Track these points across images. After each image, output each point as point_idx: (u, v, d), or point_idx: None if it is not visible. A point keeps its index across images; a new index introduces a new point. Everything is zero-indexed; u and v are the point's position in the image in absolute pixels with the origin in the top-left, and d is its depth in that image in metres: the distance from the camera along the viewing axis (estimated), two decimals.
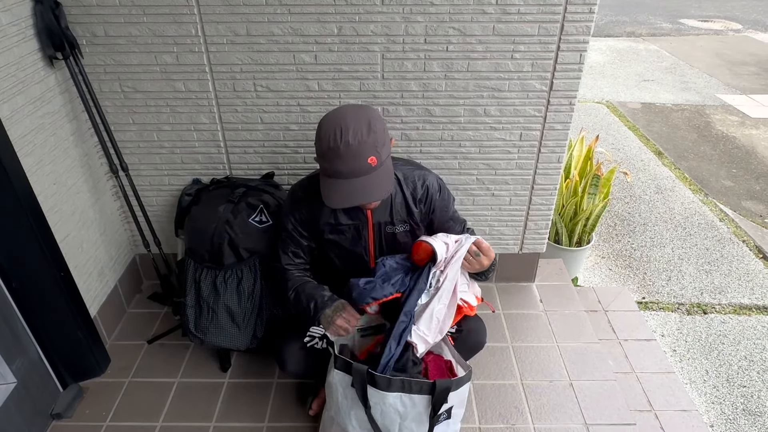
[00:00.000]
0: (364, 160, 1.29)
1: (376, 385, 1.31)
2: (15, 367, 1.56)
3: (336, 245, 1.57)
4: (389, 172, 1.36)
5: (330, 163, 1.30)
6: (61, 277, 1.64)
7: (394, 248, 1.58)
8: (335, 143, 1.27)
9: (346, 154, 1.27)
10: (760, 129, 4.39)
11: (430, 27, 1.70)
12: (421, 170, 1.57)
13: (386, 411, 1.32)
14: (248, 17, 1.69)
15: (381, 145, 1.31)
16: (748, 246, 2.92)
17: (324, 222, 1.52)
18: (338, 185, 1.31)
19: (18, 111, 1.52)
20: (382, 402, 1.32)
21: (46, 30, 1.58)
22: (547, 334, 2.00)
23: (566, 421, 1.68)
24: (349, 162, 1.28)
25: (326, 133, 1.29)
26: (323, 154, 1.31)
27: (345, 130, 1.27)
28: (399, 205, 1.53)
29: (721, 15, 8.33)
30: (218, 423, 1.68)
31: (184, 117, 1.87)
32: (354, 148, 1.27)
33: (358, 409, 1.36)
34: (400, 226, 1.55)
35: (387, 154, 1.35)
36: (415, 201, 1.54)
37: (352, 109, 1.35)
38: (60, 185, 1.71)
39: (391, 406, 1.31)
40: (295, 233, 1.56)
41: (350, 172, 1.29)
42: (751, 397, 2.04)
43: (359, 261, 1.59)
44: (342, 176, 1.30)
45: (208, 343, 1.75)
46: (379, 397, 1.32)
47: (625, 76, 5.63)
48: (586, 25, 1.69)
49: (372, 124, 1.30)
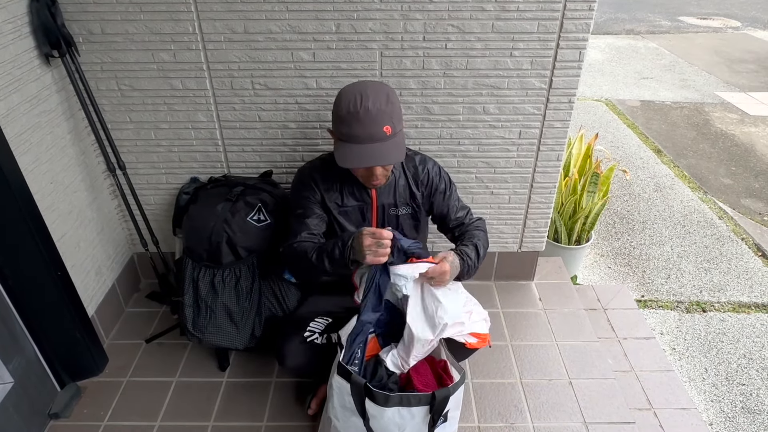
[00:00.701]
0: (381, 127, 1.37)
1: (374, 400, 1.30)
2: (12, 366, 1.56)
3: (341, 227, 1.60)
4: (402, 144, 1.43)
5: (348, 127, 1.38)
6: (58, 276, 1.63)
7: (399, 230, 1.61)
8: (355, 108, 1.36)
9: (365, 118, 1.36)
10: (759, 127, 4.39)
11: (428, 24, 1.69)
12: (420, 155, 1.65)
13: (385, 424, 1.31)
14: (246, 14, 1.68)
15: (396, 118, 1.41)
16: (747, 244, 2.92)
17: (332, 201, 1.57)
18: (354, 149, 1.39)
19: (14, 109, 1.51)
20: (380, 415, 1.31)
21: (42, 27, 1.57)
22: (546, 333, 2.00)
23: (565, 420, 1.68)
24: (366, 126, 1.36)
25: (347, 98, 1.38)
26: (342, 119, 1.39)
27: (365, 97, 1.36)
28: (402, 188, 1.60)
29: (720, 12, 8.32)
30: (217, 422, 1.68)
31: (181, 115, 1.86)
32: (372, 114, 1.36)
33: (357, 418, 1.35)
34: (403, 208, 1.61)
35: (401, 127, 1.44)
36: (417, 183, 1.61)
37: (371, 82, 1.45)
38: (57, 184, 1.70)
39: (389, 419, 1.30)
40: (309, 206, 1.57)
41: (367, 136, 1.37)
42: (750, 395, 2.04)
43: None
44: (358, 140, 1.38)
45: (207, 343, 1.74)
46: (377, 410, 1.30)
47: (624, 74, 5.63)
48: (586, 22, 1.68)
49: (390, 96, 1.40)
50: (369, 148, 1.38)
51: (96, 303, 1.92)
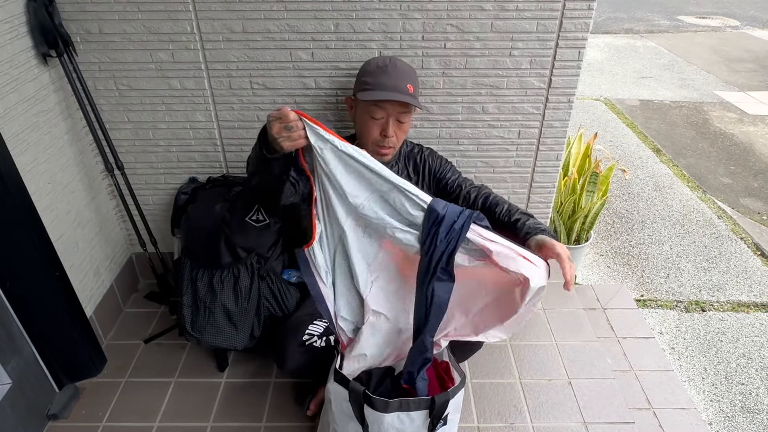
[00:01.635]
0: (405, 83, 1.46)
1: (373, 406, 1.29)
2: (10, 367, 1.55)
3: None
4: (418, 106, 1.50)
5: (375, 78, 1.47)
6: (56, 277, 1.62)
7: None
8: (383, 62, 1.49)
9: (393, 71, 1.47)
10: (757, 126, 4.39)
11: (427, 24, 1.69)
12: (414, 145, 1.70)
13: (384, 429, 1.30)
14: (244, 14, 1.67)
15: (416, 86, 1.52)
16: (746, 243, 2.92)
17: None
18: (379, 92, 1.45)
19: (11, 109, 1.51)
20: (379, 421, 1.30)
21: (40, 27, 1.57)
22: (545, 333, 2.00)
23: (565, 420, 1.68)
24: (393, 78, 1.46)
25: (375, 60, 1.52)
26: (370, 71, 1.49)
27: (394, 59, 1.52)
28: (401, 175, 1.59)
29: (718, 12, 8.33)
30: (215, 423, 1.67)
31: (179, 115, 1.86)
32: (400, 70, 1.48)
33: (356, 423, 1.34)
34: None
35: (418, 96, 1.54)
36: (417, 173, 1.65)
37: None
38: (55, 184, 1.70)
39: (389, 424, 1.29)
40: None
41: (393, 86, 1.45)
42: (749, 394, 2.04)
43: None
44: (385, 89, 1.45)
45: (205, 343, 1.73)
46: (375, 416, 1.30)
47: (623, 73, 5.63)
48: (585, 22, 1.68)
49: (413, 69, 1.55)
50: (393, 94, 1.44)
51: (94, 303, 1.91)
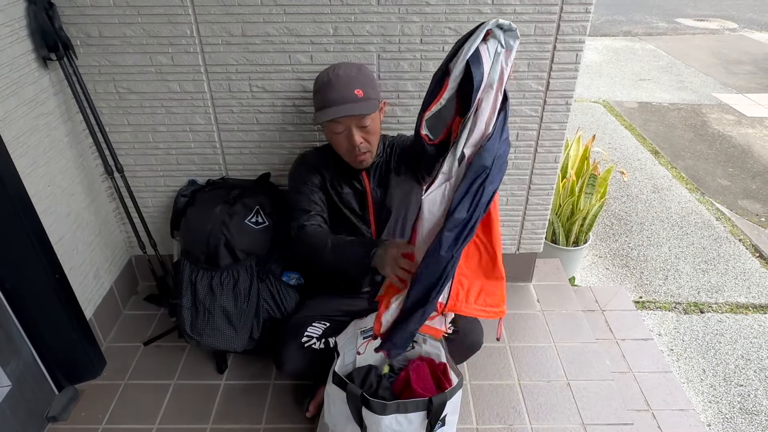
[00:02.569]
0: (351, 90, 1.45)
1: (371, 408, 1.30)
2: (9, 369, 1.55)
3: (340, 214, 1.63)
4: (375, 103, 1.49)
5: (323, 94, 1.47)
6: (56, 279, 1.63)
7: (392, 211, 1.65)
8: (326, 76, 1.48)
9: (337, 83, 1.45)
10: (756, 128, 4.40)
11: (426, 27, 1.69)
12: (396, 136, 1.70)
13: (382, 431, 1.31)
14: (243, 17, 1.68)
15: (368, 85, 1.48)
16: (744, 245, 2.93)
17: (333, 188, 1.62)
18: (329, 111, 1.46)
19: (12, 112, 1.51)
20: (377, 423, 1.30)
21: (40, 31, 1.58)
22: (544, 334, 2.00)
23: (564, 421, 1.68)
24: (338, 90, 1.45)
25: (322, 74, 1.51)
26: (318, 90, 1.50)
27: (336, 67, 1.50)
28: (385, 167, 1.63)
29: (717, 14, 8.35)
30: (215, 425, 1.67)
31: (179, 118, 1.87)
32: (343, 79, 1.46)
33: (354, 425, 1.35)
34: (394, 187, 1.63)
35: (375, 96, 1.50)
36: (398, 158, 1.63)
37: (345, 62, 1.57)
38: (54, 187, 1.70)
39: (387, 426, 1.30)
40: (312, 188, 1.61)
41: (340, 98, 1.45)
42: (747, 395, 2.04)
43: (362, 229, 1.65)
44: (333, 104, 1.45)
45: (205, 345, 1.74)
46: (374, 419, 1.30)
47: (621, 76, 5.64)
48: (582, 24, 1.69)
49: (361, 68, 1.51)
50: (342, 107, 1.44)
51: (94, 305, 1.92)
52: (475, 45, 1.07)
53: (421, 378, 1.46)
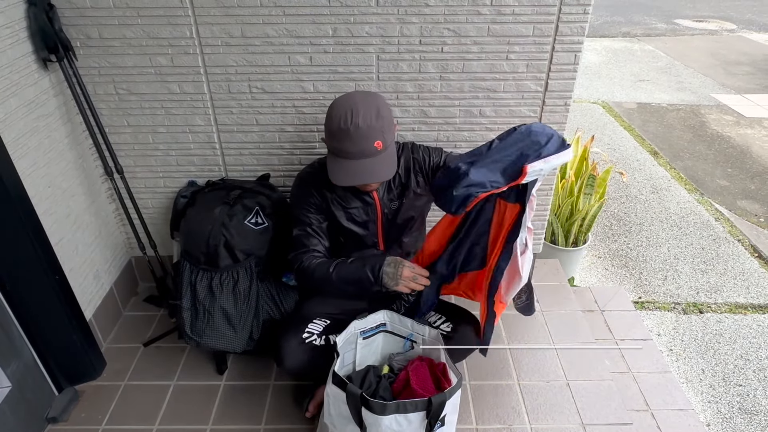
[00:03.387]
0: (371, 143, 1.38)
1: (371, 408, 1.30)
2: (10, 370, 1.55)
3: (344, 230, 1.60)
4: (393, 157, 1.45)
5: (339, 143, 1.39)
6: (56, 280, 1.63)
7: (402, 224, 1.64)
8: (345, 125, 1.36)
9: (355, 135, 1.36)
10: (754, 128, 4.41)
11: (425, 28, 1.70)
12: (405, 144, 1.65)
13: (382, 431, 1.31)
14: (243, 19, 1.68)
15: (387, 131, 1.41)
16: (743, 245, 2.93)
17: (336, 204, 1.58)
18: (345, 164, 1.40)
19: (12, 113, 1.52)
20: (377, 423, 1.30)
21: (40, 32, 1.58)
22: (543, 335, 2.01)
23: (563, 422, 1.68)
24: (357, 143, 1.37)
25: (337, 114, 1.38)
26: (333, 134, 1.40)
27: (355, 113, 1.36)
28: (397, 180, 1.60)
29: (715, 15, 8.36)
30: (215, 426, 1.68)
31: (179, 119, 1.87)
32: (363, 131, 1.36)
33: (354, 426, 1.35)
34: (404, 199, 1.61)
35: (392, 140, 1.45)
36: (411, 172, 1.60)
37: (361, 95, 1.43)
38: (54, 188, 1.71)
39: (387, 427, 1.30)
40: (312, 213, 1.58)
41: (358, 152, 1.38)
42: (747, 395, 2.04)
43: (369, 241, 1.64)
44: (349, 156, 1.39)
45: (205, 346, 1.74)
46: (373, 419, 1.30)
47: (620, 77, 5.65)
48: (581, 25, 1.69)
49: (380, 110, 1.40)
50: (360, 164, 1.39)
51: (94, 306, 1.92)
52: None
53: (421, 378, 1.47)
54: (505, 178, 1.30)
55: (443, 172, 1.40)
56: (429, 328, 1.59)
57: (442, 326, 1.66)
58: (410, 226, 1.65)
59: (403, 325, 1.63)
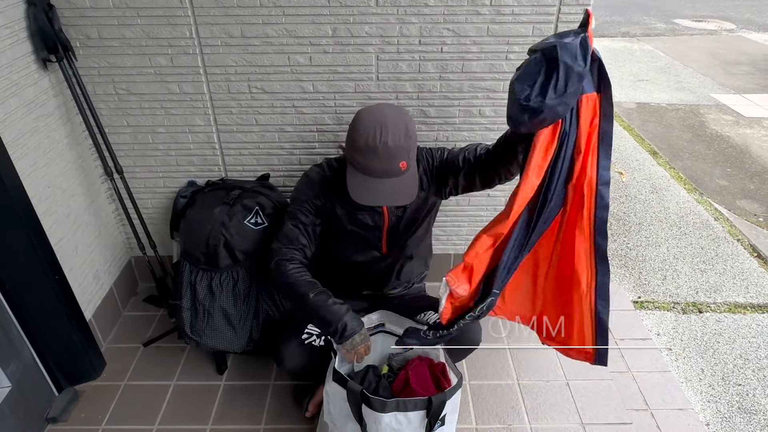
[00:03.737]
0: (397, 163, 1.34)
1: (371, 405, 1.30)
2: (9, 370, 1.56)
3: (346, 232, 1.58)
4: (415, 177, 1.42)
5: (365, 159, 1.35)
6: (55, 281, 1.63)
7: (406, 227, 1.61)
8: (374, 142, 1.32)
9: (383, 154, 1.32)
10: (754, 128, 4.41)
11: (424, 28, 1.70)
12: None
13: (382, 429, 1.31)
14: (242, 19, 1.69)
15: (412, 151, 1.39)
16: (742, 245, 2.93)
17: (342, 208, 1.54)
18: (368, 182, 1.37)
19: (11, 114, 1.52)
20: (377, 421, 1.31)
21: (40, 32, 1.58)
22: None
23: (563, 421, 1.68)
24: (383, 162, 1.34)
25: (365, 129, 1.33)
26: (359, 149, 1.35)
27: (385, 131, 1.32)
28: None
29: (714, 15, 8.37)
30: (215, 425, 1.68)
31: (178, 119, 1.87)
32: (391, 150, 1.32)
33: (354, 423, 1.35)
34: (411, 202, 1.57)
35: (414, 157, 1.42)
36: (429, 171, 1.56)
37: (390, 110, 1.38)
38: (54, 188, 1.71)
39: (387, 425, 1.30)
40: (308, 214, 1.53)
41: (383, 171, 1.35)
42: (746, 395, 2.04)
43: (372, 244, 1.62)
44: (373, 174, 1.36)
45: (204, 346, 1.74)
46: (373, 416, 1.31)
47: (619, 76, 5.65)
48: None
49: (408, 129, 1.35)
50: (383, 183, 1.36)
51: (93, 307, 1.92)
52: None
53: (420, 378, 1.47)
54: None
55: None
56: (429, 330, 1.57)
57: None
58: (414, 229, 1.63)
59: (400, 326, 1.63)
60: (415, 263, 1.71)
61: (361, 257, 1.63)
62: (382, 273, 1.68)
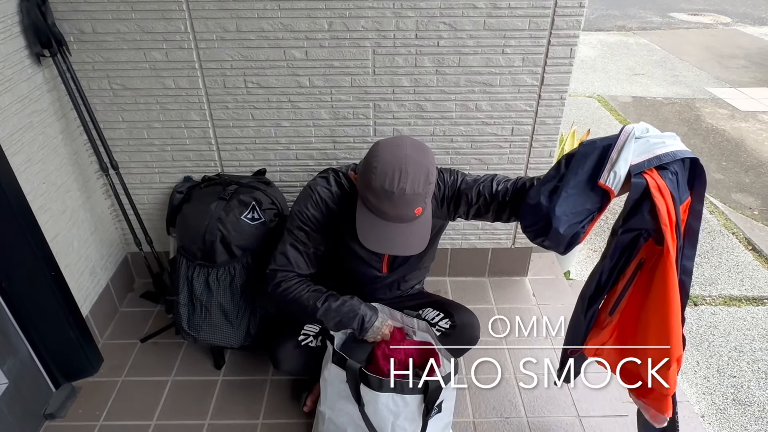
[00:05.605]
0: (412, 209, 1.27)
1: (369, 384, 1.32)
2: (6, 367, 1.55)
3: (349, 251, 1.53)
4: (428, 222, 1.35)
5: (379, 201, 1.27)
6: (52, 277, 1.62)
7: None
8: (391, 187, 1.23)
9: (399, 201, 1.25)
10: (749, 122, 4.42)
11: (420, 22, 1.69)
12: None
13: (379, 409, 1.33)
14: (238, 13, 1.68)
15: (429, 195, 1.31)
16: (737, 238, 2.95)
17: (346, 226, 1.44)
18: (379, 225, 1.30)
19: (5, 109, 1.51)
20: (374, 401, 1.33)
21: (33, 27, 1.57)
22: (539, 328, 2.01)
23: (559, 414, 1.69)
24: (398, 208, 1.26)
25: (384, 171, 1.24)
26: (374, 191, 1.26)
27: (404, 176, 1.23)
28: None
29: (710, 8, 8.37)
30: (213, 420, 1.68)
31: (174, 114, 1.86)
32: (408, 198, 1.24)
33: (352, 405, 1.36)
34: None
35: (431, 200, 1.35)
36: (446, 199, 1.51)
37: (414, 151, 1.28)
38: (49, 184, 1.70)
39: (384, 405, 1.32)
40: (310, 231, 1.46)
41: (396, 217, 1.28)
42: (740, 387, 2.06)
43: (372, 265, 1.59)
44: (384, 218, 1.29)
45: (202, 341, 1.74)
46: (371, 395, 1.33)
47: (615, 70, 5.65)
48: (577, 19, 1.69)
49: (430, 174, 1.27)
50: (393, 229, 1.29)
51: (90, 303, 1.91)
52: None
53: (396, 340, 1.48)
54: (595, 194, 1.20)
55: (527, 209, 1.26)
56: (417, 321, 1.56)
57: (440, 323, 1.64)
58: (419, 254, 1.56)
59: (393, 318, 1.63)
60: (417, 274, 1.72)
61: (361, 273, 1.60)
62: (383, 287, 1.68)
